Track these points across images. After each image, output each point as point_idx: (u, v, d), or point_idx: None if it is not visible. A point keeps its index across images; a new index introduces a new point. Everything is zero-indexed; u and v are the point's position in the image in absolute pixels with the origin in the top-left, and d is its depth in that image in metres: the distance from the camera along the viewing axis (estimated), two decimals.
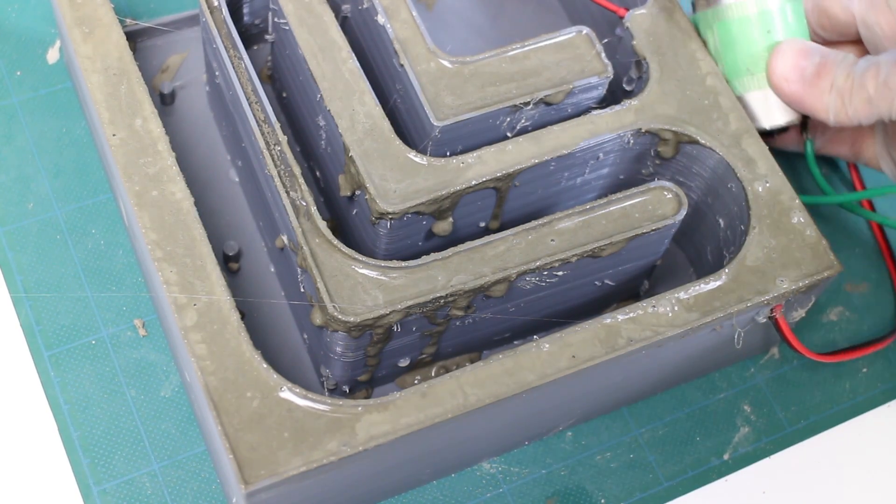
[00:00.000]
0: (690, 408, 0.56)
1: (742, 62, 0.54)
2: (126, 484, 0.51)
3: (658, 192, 0.51)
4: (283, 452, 0.44)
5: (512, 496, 0.53)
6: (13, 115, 0.59)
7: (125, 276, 0.56)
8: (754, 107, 0.54)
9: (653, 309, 0.49)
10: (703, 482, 0.55)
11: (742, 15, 0.54)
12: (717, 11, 0.54)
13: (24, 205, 0.57)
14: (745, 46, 0.54)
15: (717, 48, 0.55)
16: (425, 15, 0.63)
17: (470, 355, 0.54)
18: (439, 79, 0.51)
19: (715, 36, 0.55)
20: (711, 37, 0.55)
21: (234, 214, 0.57)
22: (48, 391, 0.53)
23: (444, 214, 0.50)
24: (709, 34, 0.55)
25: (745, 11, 0.54)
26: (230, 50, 0.52)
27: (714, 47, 0.55)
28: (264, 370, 0.46)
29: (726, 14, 0.54)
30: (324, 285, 0.47)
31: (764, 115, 0.54)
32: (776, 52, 0.53)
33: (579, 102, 0.52)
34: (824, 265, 0.50)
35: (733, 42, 0.54)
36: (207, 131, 0.59)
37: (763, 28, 0.54)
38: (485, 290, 0.48)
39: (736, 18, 0.54)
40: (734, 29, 0.54)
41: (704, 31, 0.55)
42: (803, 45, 0.53)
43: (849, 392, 0.58)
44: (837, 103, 0.51)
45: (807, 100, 0.52)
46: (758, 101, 0.54)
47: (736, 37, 0.54)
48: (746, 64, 0.54)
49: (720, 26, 0.54)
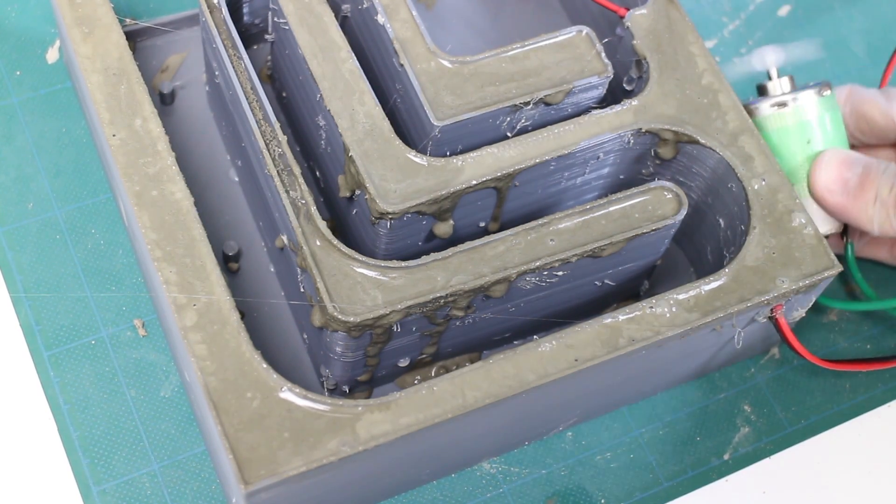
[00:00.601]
0: (690, 408, 0.56)
1: (785, 170, 0.53)
2: (126, 484, 0.51)
3: (658, 192, 0.51)
4: (283, 452, 0.44)
5: (512, 496, 0.53)
6: (13, 115, 0.59)
7: (125, 276, 0.56)
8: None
9: (652, 309, 0.49)
10: (703, 482, 0.55)
11: (781, 126, 0.54)
12: (758, 123, 0.54)
13: (24, 205, 0.57)
14: (785, 157, 0.54)
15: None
16: (425, 15, 0.63)
17: (470, 355, 0.54)
18: (439, 78, 0.51)
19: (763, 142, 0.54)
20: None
21: (234, 214, 0.57)
22: (48, 391, 0.53)
23: (445, 215, 0.50)
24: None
25: (784, 122, 0.54)
26: (230, 50, 0.52)
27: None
28: (264, 370, 0.46)
29: (765, 125, 0.54)
30: (324, 285, 0.47)
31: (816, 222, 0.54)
32: (818, 162, 0.53)
33: (579, 102, 0.52)
34: (824, 265, 0.50)
35: (775, 153, 0.54)
36: (207, 131, 0.59)
37: (802, 138, 0.54)
38: (484, 290, 0.48)
39: (775, 129, 0.54)
40: (773, 139, 0.54)
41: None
42: (845, 155, 0.53)
43: (849, 392, 0.58)
44: (882, 215, 0.51)
45: (851, 211, 0.52)
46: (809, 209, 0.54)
47: (775, 147, 0.54)
48: (788, 173, 0.53)
49: (765, 136, 0.54)
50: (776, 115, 0.54)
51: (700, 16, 0.67)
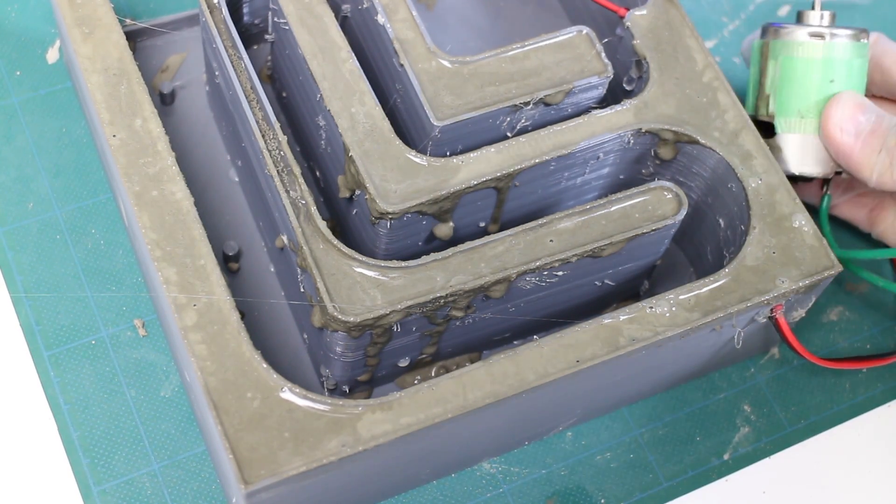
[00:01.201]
0: (690, 408, 0.56)
1: (796, 102, 0.53)
2: (126, 484, 0.51)
3: (658, 192, 0.51)
4: (283, 452, 0.44)
5: (512, 496, 0.53)
6: (13, 115, 0.59)
7: (125, 276, 0.56)
8: (788, 149, 0.54)
9: (652, 309, 0.49)
10: (703, 482, 0.55)
11: (809, 56, 0.53)
12: (789, 45, 0.54)
13: (24, 205, 0.57)
14: (804, 88, 0.53)
15: (775, 81, 0.54)
16: (425, 15, 0.63)
17: (470, 355, 0.54)
18: (439, 78, 0.51)
19: (777, 68, 0.54)
20: (772, 67, 0.54)
21: (234, 214, 0.57)
22: (48, 391, 0.53)
23: (445, 215, 0.50)
24: (770, 64, 0.54)
25: (813, 54, 0.53)
26: (230, 50, 0.52)
27: (771, 79, 0.54)
28: (264, 370, 0.46)
29: (793, 50, 0.53)
30: (324, 285, 0.47)
31: (796, 160, 0.54)
32: (835, 100, 0.52)
33: (579, 102, 0.52)
34: (824, 265, 0.50)
35: (792, 80, 0.53)
36: (207, 131, 0.59)
37: (825, 75, 0.53)
38: (484, 290, 0.48)
39: (801, 58, 0.53)
40: (796, 67, 0.53)
41: (762, 60, 0.55)
42: (862, 100, 0.52)
43: (849, 392, 0.58)
44: (885, 164, 0.51)
45: (856, 154, 0.52)
46: (794, 145, 0.54)
47: (798, 76, 0.53)
48: (799, 106, 0.53)
49: (786, 61, 0.54)
50: (808, 45, 0.53)
51: (700, 16, 0.67)
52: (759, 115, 0.55)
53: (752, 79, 0.56)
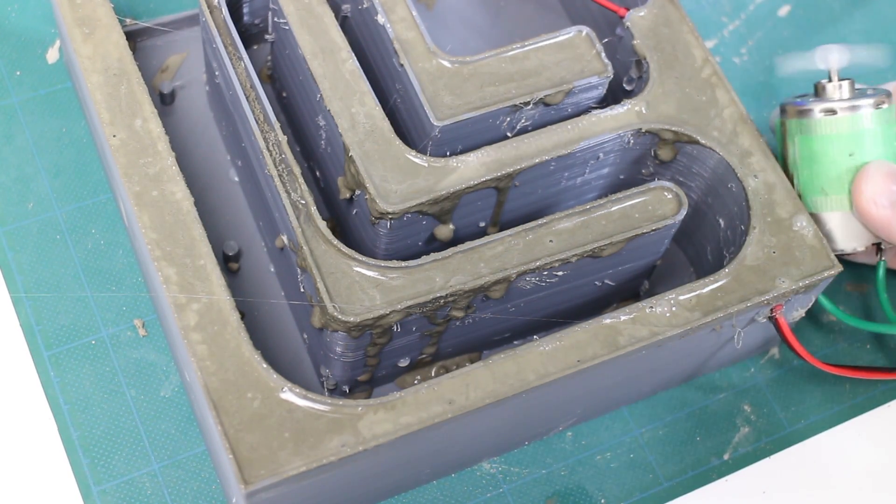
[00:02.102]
0: (690, 408, 0.56)
1: (817, 180, 0.52)
2: (126, 484, 0.51)
3: (658, 192, 0.51)
4: (283, 452, 0.44)
5: (512, 496, 0.53)
6: (13, 115, 0.59)
7: (125, 276, 0.56)
8: (832, 228, 0.52)
9: (653, 309, 0.49)
10: (703, 482, 0.55)
11: (832, 133, 0.51)
12: (804, 124, 0.52)
13: (24, 205, 0.57)
14: (827, 165, 0.52)
15: (796, 161, 0.52)
16: (425, 15, 0.63)
17: (470, 355, 0.54)
18: (439, 78, 0.51)
19: (796, 148, 0.52)
20: (791, 147, 0.53)
21: (234, 214, 0.57)
22: (48, 391, 0.53)
23: (445, 216, 0.50)
24: (789, 143, 0.53)
25: (837, 129, 0.51)
26: (230, 50, 0.52)
27: (792, 158, 0.53)
28: (264, 370, 0.46)
29: (815, 129, 0.52)
30: (323, 285, 0.47)
31: (840, 238, 0.52)
32: (864, 173, 0.50)
33: (579, 102, 0.52)
34: (824, 265, 0.50)
35: (814, 158, 0.52)
36: (207, 131, 0.59)
37: (844, 149, 0.51)
38: (484, 290, 0.48)
39: (824, 135, 0.51)
40: (818, 145, 0.52)
41: (783, 139, 0.53)
42: (890, 167, 0.50)
43: (849, 392, 0.58)
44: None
45: (894, 225, 0.50)
46: (836, 223, 0.52)
47: (819, 153, 0.52)
48: (822, 183, 0.52)
49: (803, 140, 0.52)
50: (830, 122, 0.51)
51: (700, 16, 0.67)
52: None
53: (779, 156, 0.54)
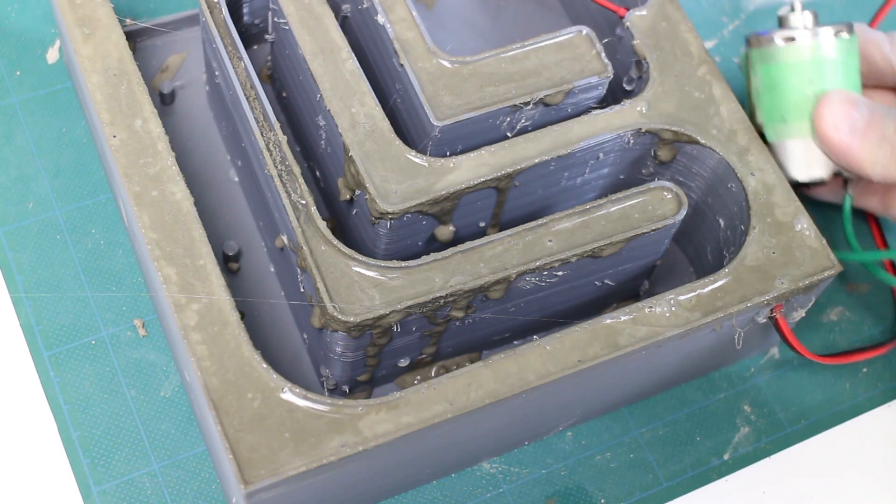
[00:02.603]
0: (690, 408, 0.56)
1: (778, 109, 0.52)
2: (126, 484, 0.51)
3: (658, 192, 0.51)
4: (283, 452, 0.44)
5: (512, 496, 0.53)
6: (13, 115, 0.59)
7: (125, 276, 0.56)
8: (790, 157, 0.52)
9: (653, 309, 0.49)
10: (703, 482, 0.55)
11: (793, 60, 0.52)
12: (766, 53, 0.52)
13: (24, 205, 0.57)
14: (790, 93, 0.52)
15: (759, 91, 0.53)
16: (425, 15, 0.63)
17: (470, 355, 0.54)
18: (439, 78, 0.51)
19: (757, 77, 0.53)
20: (754, 77, 0.53)
21: (234, 214, 0.57)
22: (48, 391, 0.53)
23: (445, 216, 0.50)
24: (752, 74, 0.53)
25: (798, 57, 0.52)
26: (230, 50, 0.52)
27: (755, 89, 0.53)
28: (264, 370, 0.46)
29: (776, 57, 0.52)
30: (323, 285, 0.47)
31: (800, 166, 0.53)
32: (824, 100, 0.51)
33: (579, 102, 0.52)
34: (824, 265, 0.50)
35: (776, 87, 0.52)
36: (207, 131, 0.59)
37: (803, 77, 0.52)
38: (483, 290, 0.48)
39: (785, 63, 0.52)
40: (779, 73, 0.52)
41: (747, 71, 0.54)
42: (852, 95, 0.51)
43: (849, 392, 0.58)
44: (886, 156, 0.49)
45: (856, 151, 0.50)
46: (795, 151, 0.52)
47: (780, 81, 0.52)
48: (781, 111, 0.52)
49: (765, 69, 0.52)
50: (790, 48, 0.52)
51: (700, 16, 0.67)
52: (756, 125, 0.54)
53: (745, 91, 0.55)
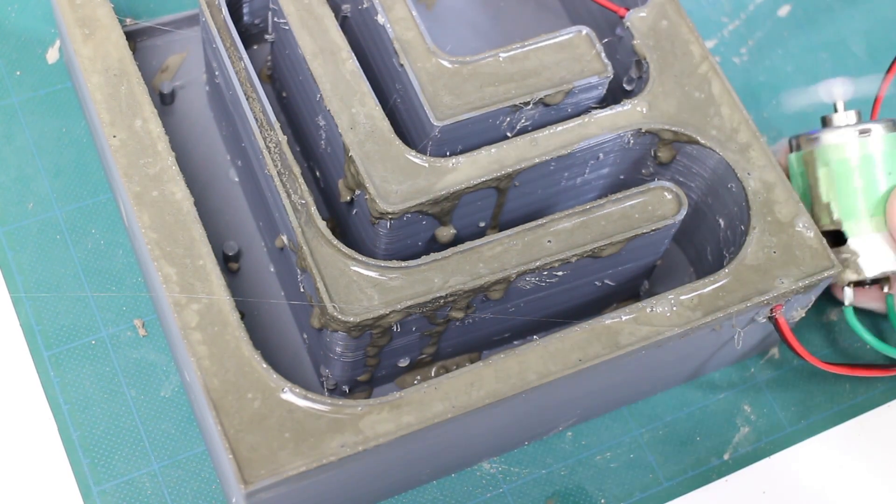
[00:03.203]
0: (690, 408, 0.56)
1: (862, 203, 0.53)
2: (126, 484, 0.51)
3: (658, 192, 0.51)
4: (283, 453, 0.44)
5: (512, 496, 0.53)
6: (13, 115, 0.59)
7: (125, 276, 0.56)
8: (868, 252, 0.53)
9: (653, 309, 0.49)
10: (703, 482, 0.55)
11: (842, 157, 0.53)
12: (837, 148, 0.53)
13: (24, 205, 0.57)
14: (844, 191, 0.53)
15: (832, 187, 0.53)
16: (425, 15, 0.63)
17: (470, 355, 0.54)
18: (438, 78, 0.51)
19: (832, 173, 0.53)
20: (825, 174, 0.53)
21: (234, 214, 0.57)
22: (48, 391, 0.53)
23: (445, 217, 0.50)
24: (822, 172, 0.53)
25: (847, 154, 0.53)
26: (230, 50, 0.52)
27: (827, 186, 0.53)
28: (264, 371, 0.46)
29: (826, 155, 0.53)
30: (323, 285, 0.47)
31: (876, 260, 0.53)
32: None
33: (579, 102, 0.52)
34: (824, 265, 0.50)
35: (851, 181, 0.53)
36: (207, 131, 0.59)
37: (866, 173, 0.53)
38: (483, 290, 0.48)
39: (836, 160, 0.53)
40: (855, 168, 0.53)
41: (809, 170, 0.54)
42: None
43: (849, 392, 0.58)
44: None
45: None
46: (873, 246, 0.53)
47: (833, 180, 0.53)
48: (867, 205, 0.53)
49: (839, 164, 0.53)
50: (838, 146, 0.53)
51: (700, 16, 0.67)
52: (822, 225, 0.53)
53: (800, 191, 0.54)
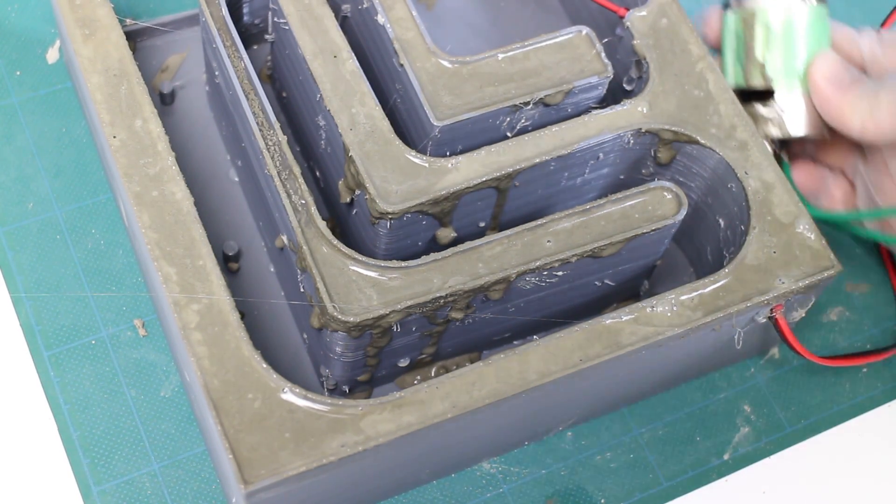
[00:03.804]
0: (690, 408, 0.56)
1: (798, 63, 0.54)
2: (126, 484, 0.51)
3: (658, 192, 0.51)
4: (283, 453, 0.44)
5: (512, 496, 0.53)
6: (13, 115, 0.59)
7: (125, 276, 0.56)
8: (798, 110, 0.54)
9: (654, 309, 0.49)
10: (703, 482, 0.55)
11: (801, 19, 0.54)
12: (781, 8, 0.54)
13: (24, 205, 0.57)
14: (800, 49, 0.54)
15: (770, 45, 0.55)
16: (425, 15, 0.63)
17: (470, 355, 0.54)
18: (438, 79, 0.51)
19: (772, 32, 0.54)
20: (763, 33, 0.55)
21: (234, 214, 0.57)
22: (48, 391, 0.53)
23: (445, 216, 0.50)
24: (760, 30, 0.55)
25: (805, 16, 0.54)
26: (230, 50, 0.52)
27: (764, 44, 0.55)
28: (264, 371, 0.46)
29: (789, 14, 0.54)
30: (323, 285, 0.47)
31: (804, 119, 0.55)
32: (822, 55, 0.54)
33: (579, 102, 0.52)
34: (824, 265, 0.50)
35: (791, 42, 0.54)
36: (207, 131, 0.59)
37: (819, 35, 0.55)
38: (483, 290, 0.48)
39: (797, 20, 0.54)
40: (795, 30, 0.54)
41: (746, 28, 0.55)
42: (841, 58, 0.55)
43: (849, 392, 0.58)
44: (865, 109, 0.52)
45: (840, 102, 0.53)
46: (804, 105, 0.54)
47: (795, 37, 0.54)
48: (799, 65, 0.54)
49: (786, 23, 0.54)
50: (784, 8, 0.54)
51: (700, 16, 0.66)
52: (753, 83, 0.55)
53: (731, 50, 0.56)
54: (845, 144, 0.57)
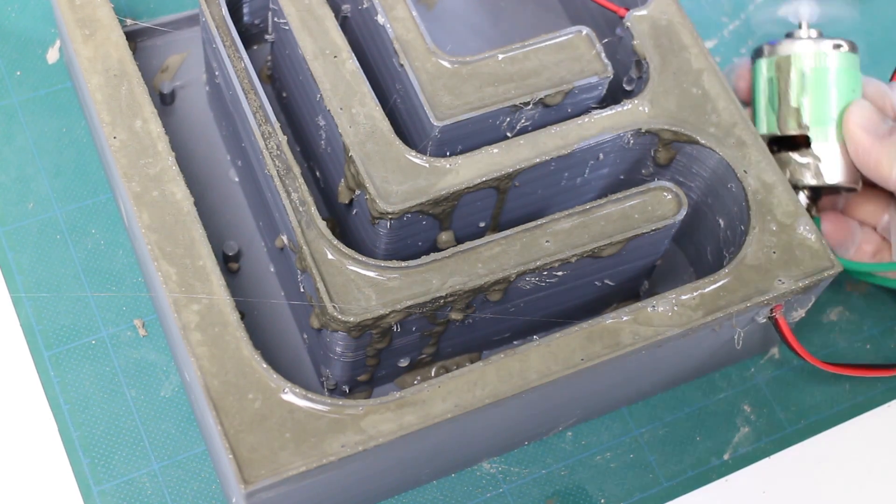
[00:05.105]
0: (690, 408, 0.56)
1: (833, 111, 0.54)
2: (126, 484, 0.51)
3: (658, 192, 0.51)
4: (284, 453, 0.44)
5: (512, 496, 0.53)
6: (13, 115, 0.59)
7: (125, 276, 0.56)
8: (832, 158, 0.54)
9: (654, 308, 0.49)
10: (703, 482, 0.55)
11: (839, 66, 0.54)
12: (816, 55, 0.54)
13: (24, 205, 0.57)
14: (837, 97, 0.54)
15: (806, 92, 0.54)
16: (425, 15, 0.63)
17: (470, 355, 0.54)
18: (438, 79, 0.51)
19: (808, 78, 0.54)
20: (798, 79, 0.55)
21: (234, 214, 0.57)
22: (48, 391, 0.53)
23: (445, 216, 0.50)
24: (795, 76, 0.55)
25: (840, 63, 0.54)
26: (230, 50, 0.52)
27: (799, 90, 0.55)
28: (265, 371, 0.46)
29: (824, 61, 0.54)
30: (323, 285, 0.47)
31: (839, 168, 0.54)
32: (857, 104, 0.54)
33: (579, 102, 0.52)
34: (824, 265, 0.50)
35: (826, 89, 0.54)
36: (207, 131, 0.59)
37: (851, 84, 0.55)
38: (482, 291, 0.48)
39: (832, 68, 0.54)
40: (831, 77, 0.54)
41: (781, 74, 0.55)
42: (875, 108, 0.54)
43: (849, 392, 0.58)
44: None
45: (877, 151, 0.53)
46: (837, 153, 0.54)
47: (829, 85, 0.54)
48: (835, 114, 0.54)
49: (817, 72, 0.54)
50: (818, 55, 0.54)
51: (700, 16, 0.67)
52: (788, 130, 0.55)
53: (763, 97, 0.56)
54: (876, 197, 0.56)
